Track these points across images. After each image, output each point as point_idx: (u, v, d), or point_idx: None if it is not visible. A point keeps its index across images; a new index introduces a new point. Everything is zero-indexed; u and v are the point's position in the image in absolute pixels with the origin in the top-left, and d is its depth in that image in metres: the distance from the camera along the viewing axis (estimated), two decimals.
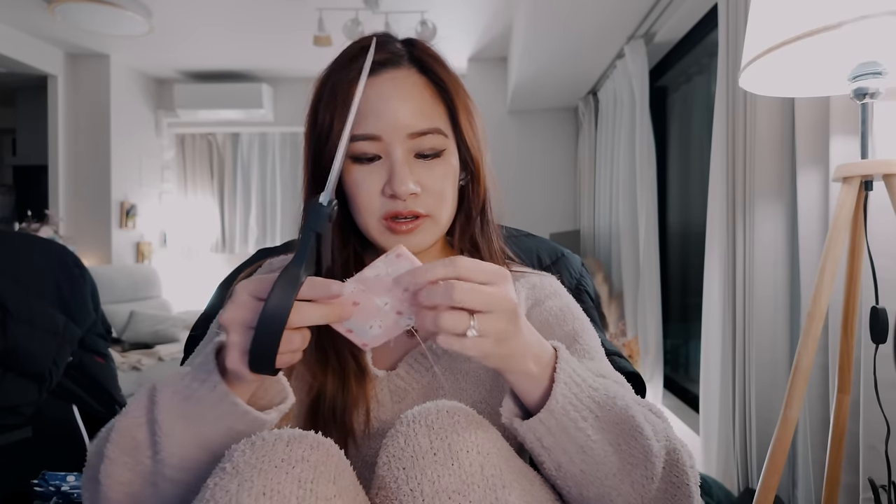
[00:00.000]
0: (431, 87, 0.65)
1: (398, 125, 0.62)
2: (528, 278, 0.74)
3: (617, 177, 2.79)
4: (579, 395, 0.50)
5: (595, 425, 0.50)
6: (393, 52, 0.65)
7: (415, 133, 0.63)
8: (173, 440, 0.50)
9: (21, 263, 1.44)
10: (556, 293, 0.73)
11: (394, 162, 0.62)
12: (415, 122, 0.63)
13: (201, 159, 4.81)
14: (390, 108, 0.62)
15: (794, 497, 1.31)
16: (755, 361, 1.39)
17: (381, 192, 0.63)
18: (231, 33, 3.63)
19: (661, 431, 0.53)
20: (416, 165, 0.64)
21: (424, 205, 0.64)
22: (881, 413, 1.03)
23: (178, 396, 0.51)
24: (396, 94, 0.63)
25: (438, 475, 0.46)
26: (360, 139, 0.62)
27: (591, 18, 2.34)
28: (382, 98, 0.63)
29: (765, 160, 1.35)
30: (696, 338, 2.07)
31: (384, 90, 0.63)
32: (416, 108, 0.63)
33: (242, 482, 0.43)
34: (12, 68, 3.76)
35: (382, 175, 0.63)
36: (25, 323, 1.36)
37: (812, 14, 0.87)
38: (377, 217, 0.64)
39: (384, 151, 0.63)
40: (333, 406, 0.60)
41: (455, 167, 0.67)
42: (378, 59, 0.63)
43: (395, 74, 0.64)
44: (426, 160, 0.64)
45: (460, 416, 0.50)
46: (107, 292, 3.41)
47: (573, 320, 0.70)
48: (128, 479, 0.51)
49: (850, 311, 1.05)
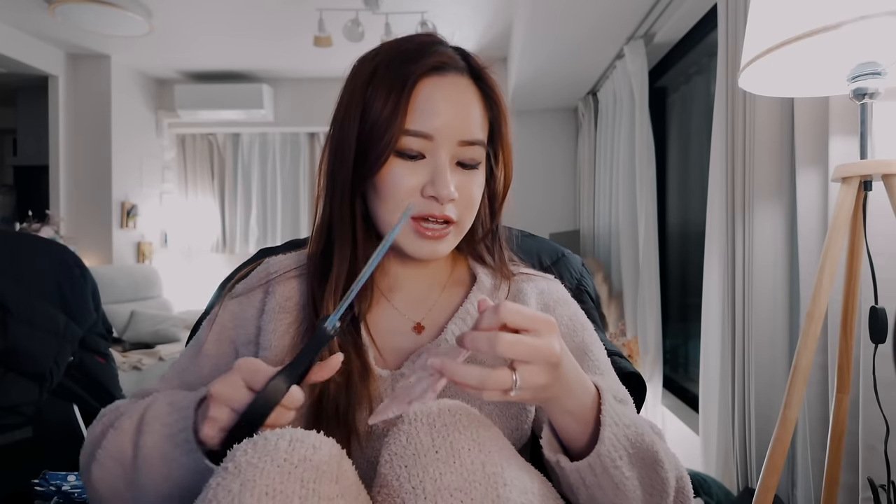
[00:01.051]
0: (483, 101, 0.67)
1: (452, 129, 0.63)
2: (535, 282, 0.75)
3: (616, 177, 2.80)
4: (618, 436, 0.53)
5: (628, 463, 0.53)
6: (453, 56, 0.66)
7: (465, 141, 0.64)
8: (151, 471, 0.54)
9: (22, 263, 1.44)
10: (563, 300, 0.74)
11: (439, 164, 0.62)
12: (468, 130, 0.64)
13: (202, 160, 4.81)
14: (450, 111, 0.63)
15: (793, 496, 1.32)
16: (755, 361, 1.39)
17: (422, 192, 0.63)
18: (231, 34, 3.63)
19: (673, 461, 0.57)
20: (457, 172, 0.65)
21: (457, 212, 0.65)
22: (880, 413, 1.03)
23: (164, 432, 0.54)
24: (457, 99, 0.64)
25: (440, 473, 0.46)
26: (412, 135, 0.62)
27: (590, 19, 2.34)
28: (444, 99, 0.63)
29: (764, 160, 1.35)
30: (695, 337, 2.08)
31: (447, 93, 0.63)
32: (472, 117, 0.65)
33: (245, 482, 0.43)
34: (13, 68, 3.76)
35: (424, 175, 0.63)
36: (26, 323, 1.36)
37: (811, 14, 0.88)
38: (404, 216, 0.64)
39: (431, 152, 0.63)
40: (337, 405, 0.60)
41: (483, 181, 0.69)
42: (444, 59, 0.64)
43: (459, 80, 0.65)
44: (466, 169, 0.65)
45: (462, 415, 0.50)
46: (107, 292, 3.41)
47: (582, 331, 0.71)
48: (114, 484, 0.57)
49: (850, 310, 1.05)
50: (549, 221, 3.87)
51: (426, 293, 0.73)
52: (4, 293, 1.34)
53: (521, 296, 0.72)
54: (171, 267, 4.59)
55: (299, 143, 4.75)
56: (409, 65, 0.62)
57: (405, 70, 0.62)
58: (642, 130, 2.44)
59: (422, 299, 0.73)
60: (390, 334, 0.69)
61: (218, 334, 0.70)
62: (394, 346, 0.68)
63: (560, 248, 0.92)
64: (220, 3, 3.16)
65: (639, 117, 2.45)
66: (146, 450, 0.54)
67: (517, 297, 0.72)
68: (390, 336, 0.68)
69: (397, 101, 0.61)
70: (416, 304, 0.72)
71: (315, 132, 4.68)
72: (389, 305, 0.71)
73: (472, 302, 0.70)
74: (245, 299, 0.71)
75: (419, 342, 0.68)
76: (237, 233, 4.82)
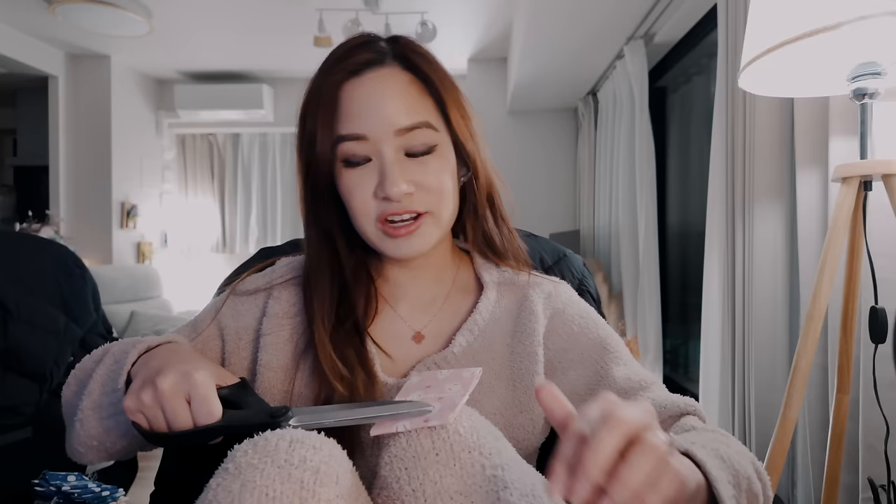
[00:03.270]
0: (418, 83, 0.64)
1: (384, 123, 0.61)
2: (542, 286, 0.73)
3: (616, 177, 2.79)
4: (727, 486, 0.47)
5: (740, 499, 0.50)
6: (377, 50, 0.64)
7: (402, 129, 0.61)
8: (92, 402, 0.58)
9: (22, 264, 1.44)
10: (571, 301, 0.73)
11: (384, 162, 0.61)
12: (401, 118, 0.61)
13: (202, 160, 4.81)
14: (375, 107, 0.61)
15: (793, 497, 1.32)
16: (755, 361, 1.39)
17: (374, 195, 0.62)
18: (231, 34, 3.63)
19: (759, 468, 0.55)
20: (409, 164, 0.62)
21: (421, 202, 0.63)
22: (880, 413, 1.03)
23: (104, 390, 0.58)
24: (380, 92, 0.62)
25: (440, 476, 0.46)
26: (346, 140, 0.61)
27: (590, 19, 2.34)
28: (366, 97, 0.62)
29: (764, 160, 1.35)
30: (695, 338, 2.08)
31: (367, 89, 0.62)
32: (401, 104, 0.62)
33: (245, 483, 0.43)
34: (13, 69, 3.76)
35: (374, 177, 0.62)
36: (26, 323, 1.36)
37: (811, 14, 0.88)
38: (373, 221, 0.63)
39: (374, 152, 0.62)
40: None
41: (452, 162, 0.66)
42: (362, 59, 0.63)
43: (379, 73, 0.63)
44: (419, 157, 0.63)
45: (462, 417, 0.50)
46: (107, 292, 3.41)
47: (596, 327, 0.70)
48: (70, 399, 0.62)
49: (850, 311, 1.05)
50: (549, 221, 3.86)
51: (430, 300, 0.72)
52: (4, 293, 1.34)
53: (527, 303, 0.70)
54: (171, 267, 4.59)
55: None
56: (328, 76, 0.63)
57: (325, 82, 0.63)
58: (642, 130, 2.44)
59: (425, 307, 0.72)
60: (393, 342, 0.68)
61: (212, 315, 0.70)
62: (398, 354, 0.67)
63: (561, 249, 0.92)
64: (220, 3, 3.16)
65: (639, 117, 2.45)
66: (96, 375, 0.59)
67: (523, 305, 0.70)
68: (393, 344, 0.68)
69: (322, 113, 0.62)
70: (420, 312, 0.71)
71: None
72: (393, 313, 0.71)
73: (480, 312, 0.69)
74: (247, 299, 0.71)
75: (422, 351, 0.68)
76: (237, 233, 4.82)
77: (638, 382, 0.64)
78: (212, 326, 0.69)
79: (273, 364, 0.65)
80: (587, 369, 0.66)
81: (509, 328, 0.69)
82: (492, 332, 0.68)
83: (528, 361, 0.66)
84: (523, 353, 0.67)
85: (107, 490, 1.25)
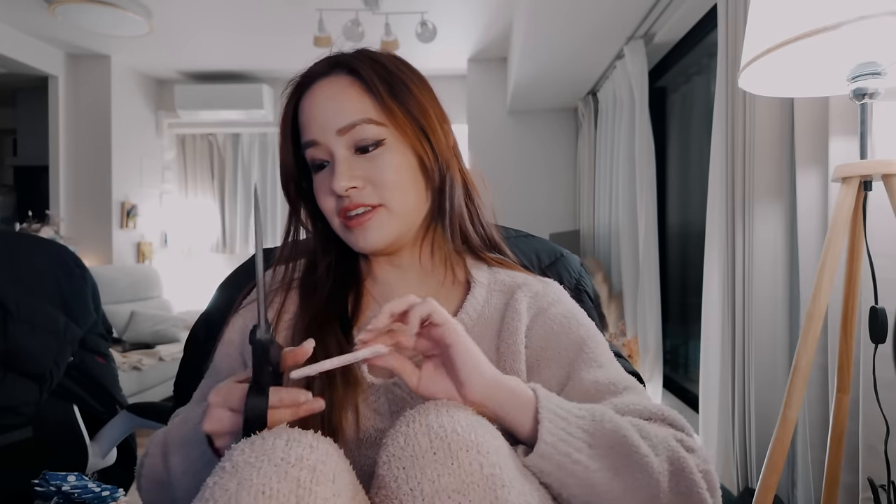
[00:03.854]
0: (358, 84, 0.66)
1: (327, 125, 0.65)
2: (530, 286, 0.73)
3: (616, 177, 2.80)
4: (567, 429, 0.52)
5: (591, 454, 0.51)
6: (329, 63, 0.68)
7: (342, 129, 0.65)
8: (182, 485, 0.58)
9: (22, 264, 1.44)
10: (558, 300, 0.72)
11: (334, 161, 0.65)
12: (339, 118, 0.65)
13: (202, 160, 4.81)
14: (319, 112, 0.66)
15: (793, 496, 1.32)
16: (755, 361, 1.39)
17: (332, 193, 0.66)
18: (231, 34, 3.63)
19: (661, 442, 0.53)
20: (359, 160, 0.66)
21: (371, 196, 0.66)
22: (880, 413, 1.03)
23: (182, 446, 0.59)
24: (323, 98, 0.66)
25: (438, 474, 0.46)
26: (306, 146, 0.67)
27: (590, 19, 2.34)
28: (313, 105, 0.67)
29: (764, 160, 1.35)
30: (695, 338, 2.08)
31: (313, 98, 0.67)
32: (341, 104, 0.65)
33: (241, 481, 0.44)
34: (13, 69, 3.76)
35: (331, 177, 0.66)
36: (26, 323, 1.36)
37: (811, 15, 0.88)
38: (335, 217, 0.68)
39: (328, 154, 0.66)
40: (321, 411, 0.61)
41: (408, 157, 0.67)
42: (312, 74, 0.68)
43: (324, 82, 0.67)
44: (367, 153, 0.66)
45: (460, 416, 0.50)
46: (107, 292, 3.41)
47: (578, 327, 0.69)
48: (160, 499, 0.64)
49: (850, 310, 1.05)
50: (549, 221, 3.86)
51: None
52: (4, 293, 1.34)
53: (513, 302, 0.70)
54: (171, 267, 4.59)
55: None
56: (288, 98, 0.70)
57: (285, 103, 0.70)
58: (642, 130, 2.44)
59: None
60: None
61: (226, 349, 0.71)
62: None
63: (558, 248, 0.92)
64: (220, 3, 3.16)
65: (639, 117, 2.45)
66: (174, 468, 0.59)
67: (509, 305, 0.70)
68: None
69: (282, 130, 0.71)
70: None
71: None
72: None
73: (467, 311, 0.70)
74: (247, 311, 0.73)
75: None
76: (237, 233, 4.82)
77: (607, 386, 0.62)
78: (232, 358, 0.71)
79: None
80: (561, 369, 0.66)
81: (496, 328, 0.69)
82: (480, 332, 0.69)
83: (511, 360, 0.66)
84: (507, 352, 0.67)
85: (107, 490, 1.25)
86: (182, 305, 4.38)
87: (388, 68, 0.68)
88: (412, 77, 0.70)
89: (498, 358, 0.67)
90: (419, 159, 0.68)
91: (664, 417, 0.57)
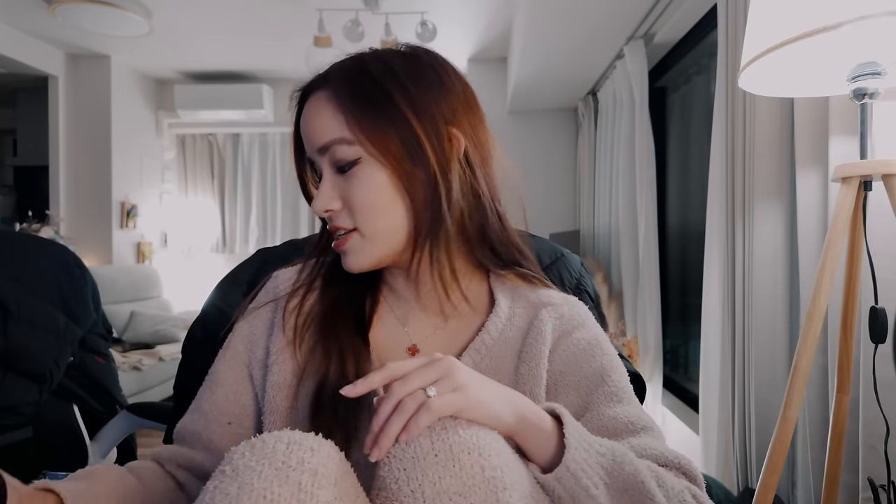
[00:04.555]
0: (333, 101, 0.64)
1: (311, 144, 0.65)
2: (556, 306, 0.70)
3: (616, 177, 2.79)
4: (588, 461, 0.51)
5: (607, 493, 0.50)
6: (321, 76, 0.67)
7: (319, 148, 0.64)
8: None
9: (22, 264, 1.44)
10: (583, 324, 0.70)
11: (322, 180, 0.65)
12: (318, 137, 0.64)
13: (202, 160, 4.81)
14: (307, 129, 0.65)
15: (793, 496, 1.32)
16: (755, 361, 1.39)
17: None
18: (231, 34, 3.63)
19: (677, 496, 0.53)
20: (339, 180, 0.64)
21: (345, 219, 0.64)
22: (880, 413, 1.03)
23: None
24: (308, 116, 0.65)
25: (439, 476, 0.46)
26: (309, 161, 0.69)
27: (590, 19, 2.34)
28: (303, 121, 0.66)
29: (764, 160, 1.35)
30: (695, 338, 2.08)
31: (304, 115, 0.66)
32: (318, 124, 0.64)
33: (242, 485, 0.43)
34: (13, 69, 3.76)
35: None
36: (26, 323, 1.36)
37: (811, 14, 0.87)
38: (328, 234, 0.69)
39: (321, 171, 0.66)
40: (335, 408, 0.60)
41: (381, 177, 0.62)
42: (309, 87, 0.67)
43: (312, 99, 0.66)
44: (346, 173, 0.63)
45: (461, 418, 0.50)
46: (107, 292, 3.41)
47: (601, 355, 0.67)
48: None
49: (850, 310, 1.05)
50: (549, 221, 3.86)
51: (436, 315, 0.70)
52: (4, 293, 1.34)
53: (537, 322, 0.68)
54: (171, 267, 4.59)
55: None
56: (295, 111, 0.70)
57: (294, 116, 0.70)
58: (642, 130, 2.44)
59: (431, 321, 0.70)
60: (388, 351, 0.68)
61: (230, 360, 0.70)
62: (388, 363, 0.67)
63: (559, 248, 0.92)
64: (220, 3, 3.16)
65: (639, 117, 2.45)
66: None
67: (533, 325, 0.68)
68: (387, 353, 0.68)
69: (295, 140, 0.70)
70: (424, 326, 0.70)
71: None
72: (397, 324, 0.71)
73: (488, 331, 0.67)
74: (254, 318, 0.71)
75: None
76: (237, 233, 4.82)
77: (626, 424, 0.61)
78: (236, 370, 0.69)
79: (280, 383, 0.65)
80: (579, 397, 0.65)
81: (517, 348, 0.67)
82: (500, 352, 0.67)
83: (531, 384, 0.64)
84: (527, 374, 0.65)
85: None
86: (182, 305, 4.38)
87: (373, 76, 0.63)
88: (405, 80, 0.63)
89: (517, 380, 0.65)
90: (400, 175, 0.63)
91: (680, 466, 0.57)
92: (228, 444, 0.59)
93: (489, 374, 0.65)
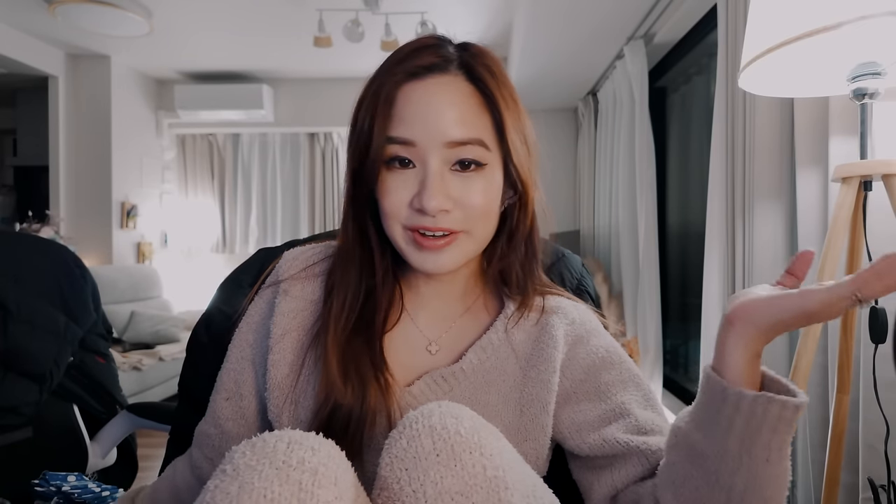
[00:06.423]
0: (478, 97, 0.60)
1: (436, 132, 0.58)
2: (565, 312, 0.69)
3: (616, 177, 2.80)
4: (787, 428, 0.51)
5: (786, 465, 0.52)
6: (443, 56, 0.61)
7: (453, 142, 0.58)
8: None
9: (22, 264, 1.44)
10: (597, 331, 0.69)
11: (427, 173, 0.58)
12: (454, 130, 0.58)
13: (202, 160, 4.81)
14: (430, 114, 0.58)
15: (793, 496, 1.32)
16: None
17: (410, 204, 0.59)
18: (231, 34, 3.63)
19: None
20: (453, 178, 0.59)
21: (457, 221, 0.60)
22: (880, 413, 1.03)
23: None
24: (438, 100, 0.59)
25: (441, 476, 0.46)
26: (394, 142, 0.59)
27: (590, 19, 2.34)
28: (423, 103, 0.59)
29: (764, 160, 1.35)
30: (695, 338, 2.08)
31: (426, 95, 0.59)
32: (458, 115, 0.58)
33: (243, 485, 0.43)
34: (13, 69, 3.76)
35: (414, 185, 0.59)
36: (26, 323, 1.36)
37: (811, 15, 0.88)
38: (402, 226, 0.61)
39: (419, 159, 0.59)
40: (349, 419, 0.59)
41: (498, 184, 0.62)
42: (425, 62, 0.60)
43: (440, 79, 0.60)
44: (464, 172, 0.59)
45: (463, 418, 0.50)
46: (107, 292, 3.41)
47: (620, 363, 0.67)
48: None
49: (850, 310, 1.05)
50: (549, 221, 3.86)
51: (448, 312, 0.70)
52: (4, 293, 1.34)
53: (548, 328, 0.68)
54: (171, 267, 4.59)
55: (299, 144, 4.75)
56: (388, 75, 0.60)
57: (384, 80, 0.60)
58: (642, 130, 2.44)
59: (444, 318, 0.70)
60: (405, 350, 0.67)
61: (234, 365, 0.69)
62: (406, 362, 0.66)
63: (560, 249, 0.92)
64: (220, 3, 3.16)
65: (639, 117, 2.45)
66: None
67: (544, 330, 0.68)
68: (404, 352, 0.67)
69: (375, 111, 0.59)
70: (437, 323, 0.70)
71: (315, 132, 4.68)
72: (410, 321, 0.70)
73: (496, 330, 0.67)
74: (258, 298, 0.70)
75: (432, 362, 0.67)
76: (237, 233, 4.82)
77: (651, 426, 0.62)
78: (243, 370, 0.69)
79: (280, 362, 0.64)
80: (602, 402, 0.64)
81: (526, 351, 0.67)
82: (506, 353, 0.66)
83: (539, 389, 0.64)
84: (536, 379, 0.65)
85: (107, 490, 1.24)
86: (182, 305, 4.38)
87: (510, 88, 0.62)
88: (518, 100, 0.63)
89: (524, 383, 0.65)
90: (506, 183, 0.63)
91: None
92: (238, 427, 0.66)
93: (493, 372, 0.65)
